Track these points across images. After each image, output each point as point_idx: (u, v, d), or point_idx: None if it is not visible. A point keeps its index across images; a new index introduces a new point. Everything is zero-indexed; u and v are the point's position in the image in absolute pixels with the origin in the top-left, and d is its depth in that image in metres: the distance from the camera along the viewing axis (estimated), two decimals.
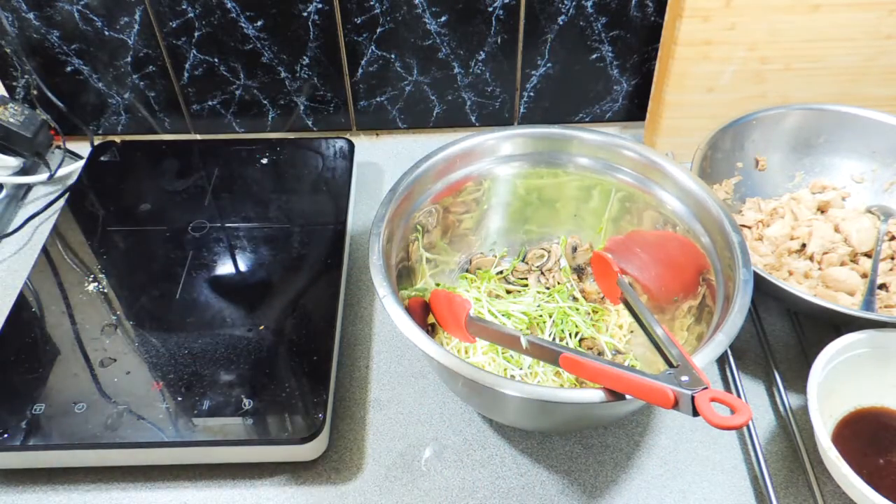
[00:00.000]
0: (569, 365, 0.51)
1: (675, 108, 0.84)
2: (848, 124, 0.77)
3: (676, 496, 0.59)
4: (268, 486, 0.60)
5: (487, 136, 0.68)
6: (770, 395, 0.66)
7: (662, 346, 0.52)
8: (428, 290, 0.67)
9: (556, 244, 0.73)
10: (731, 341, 0.51)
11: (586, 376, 0.50)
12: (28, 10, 0.82)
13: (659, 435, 0.63)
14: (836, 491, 0.57)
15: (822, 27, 0.77)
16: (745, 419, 0.41)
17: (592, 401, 0.48)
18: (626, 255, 0.70)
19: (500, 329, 0.58)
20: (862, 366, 0.60)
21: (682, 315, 0.64)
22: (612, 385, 0.48)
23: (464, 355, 0.64)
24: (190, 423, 0.59)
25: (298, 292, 0.70)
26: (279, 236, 0.75)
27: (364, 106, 0.93)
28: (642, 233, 0.69)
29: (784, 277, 0.70)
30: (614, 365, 0.48)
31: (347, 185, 0.82)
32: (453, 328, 0.61)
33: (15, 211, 0.86)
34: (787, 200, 0.77)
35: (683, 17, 0.76)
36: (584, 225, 0.73)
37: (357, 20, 0.83)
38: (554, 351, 0.53)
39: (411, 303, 0.64)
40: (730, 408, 0.43)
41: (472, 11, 0.83)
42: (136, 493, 0.59)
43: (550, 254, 0.72)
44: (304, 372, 0.63)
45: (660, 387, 0.45)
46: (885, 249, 0.71)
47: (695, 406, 0.43)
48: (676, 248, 0.65)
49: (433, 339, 0.52)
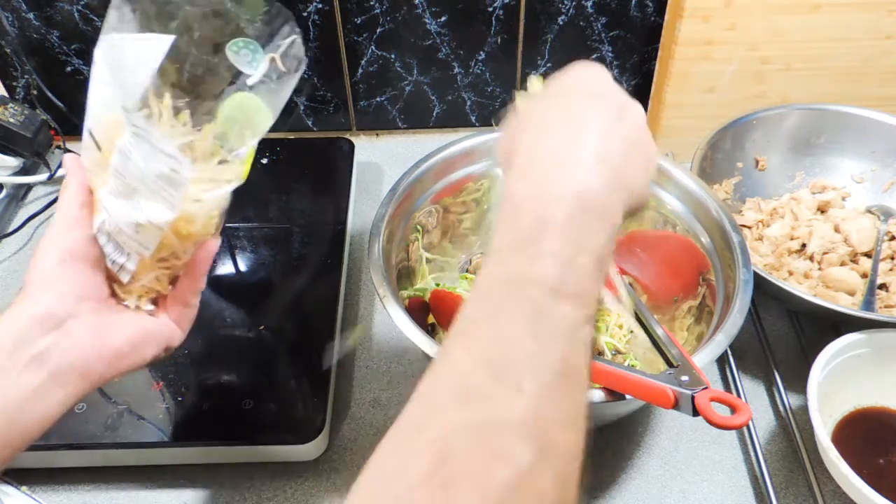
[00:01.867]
0: None
1: (675, 108, 0.84)
2: (848, 124, 0.77)
3: (676, 496, 0.59)
4: (268, 486, 0.60)
5: (487, 136, 0.68)
6: (770, 395, 0.66)
7: (662, 346, 0.52)
8: (428, 290, 0.67)
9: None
10: (730, 341, 0.51)
11: None
12: (28, 10, 0.82)
13: (659, 435, 0.63)
14: (836, 491, 0.57)
15: (822, 27, 0.77)
16: (746, 419, 0.41)
17: (592, 401, 0.48)
18: (626, 255, 0.70)
19: None
20: (862, 366, 0.60)
21: (682, 315, 0.64)
22: (613, 385, 0.48)
23: None
24: (190, 423, 0.59)
25: (298, 292, 0.70)
26: (279, 236, 0.75)
27: (364, 106, 0.93)
28: (642, 233, 0.69)
29: (784, 277, 0.70)
30: (614, 365, 0.48)
31: (347, 185, 0.82)
32: None
33: (15, 211, 0.85)
34: (787, 200, 0.77)
35: (683, 17, 0.76)
36: None
37: (357, 20, 0.83)
38: None
39: (411, 303, 0.64)
40: (730, 407, 0.43)
41: (472, 11, 0.83)
42: (136, 493, 0.59)
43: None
44: (303, 372, 0.63)
45: (660, 387, 0.45)
46: (885, 249, 0.71)
47: (695, 406, 0.43)
48: (676, 248, 0.65)
49: (433, 339, 0.52)
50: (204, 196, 0.42)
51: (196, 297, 0.46)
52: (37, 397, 0.38)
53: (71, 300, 0.41)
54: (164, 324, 0.45)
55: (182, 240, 0.43)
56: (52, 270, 0.41)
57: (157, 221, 0.40)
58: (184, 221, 0.42)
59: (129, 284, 0.44)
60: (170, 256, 0.44)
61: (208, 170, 0.42)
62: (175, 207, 0.40)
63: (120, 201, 0.41)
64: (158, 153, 0.39)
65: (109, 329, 0.42)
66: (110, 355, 0.41)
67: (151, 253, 0.42)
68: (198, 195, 0.42)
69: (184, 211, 0.41)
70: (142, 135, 0.39)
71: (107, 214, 0.42)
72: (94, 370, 0.40)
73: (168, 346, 0.45)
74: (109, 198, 0.41)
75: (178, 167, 0.39)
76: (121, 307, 0.44)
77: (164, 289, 0.45)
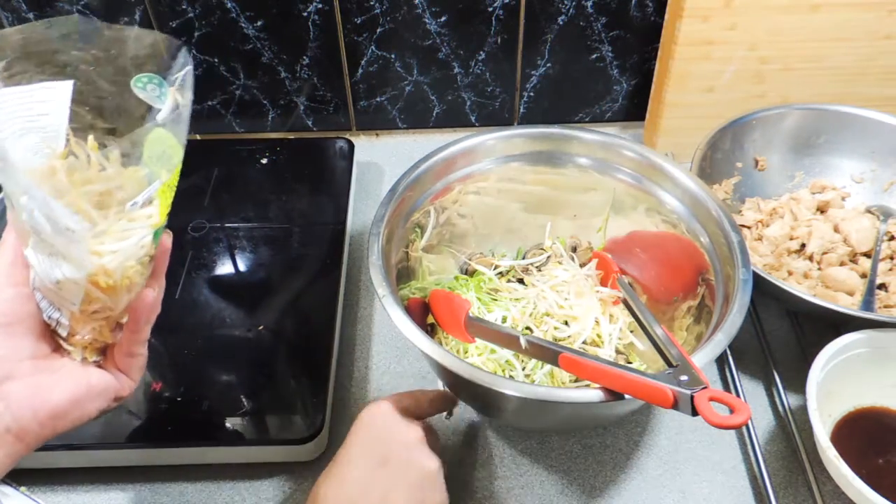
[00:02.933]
0: (568, 365, 0.51)
1: (675, 108, 0.84)
2: (848, 124, 0.77)
3: (676, 496, 0.59)
4: (268, 486, 0.60)
5: (487, 136, 0.68)
6: (769, 395, 0.66)
7: (662, 346, 0.52)
8: (428, 290, 0.67)
9: (556, 244, 0.73)
10: (730, 341, 0.51)
11: (586, 376, 0.50)
12: (28, 10, 0.82)
13: (659, 435, 0.63)
14: (835, 491, 0.57)
15: (822, 27, 0.77)
16: (745, 418, 0.41)
17: (591, 400, 0.48)
18: (626, 255, 0.70)
19: (500, 329, 0.58)
20: (861, 366, 0.60)
21: (682, 315, 0.64)
22: (612, 385, 0.48)
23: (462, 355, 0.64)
24: (189, 423, 0.59)
25: (298, 292, 0.70)
26: (279, 236, 0.75)
27: (364, 106, 0.93)
28: (642, 233, 0.69)
29: (784, 277, 0.70)
30: (613, 364, 0.48)
31: (347, 185, 0.82)
32: (452, 328, 0.61)
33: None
34: (786, 200, 0.77)
35: (683, 17, 0.76)
36: (584, 225, 0.73)
37: (357, 20, 0.83)
38: (553, 351, 0.53)
39: (411, 303, 0.64)
40: (729, 407, 0.43)
41: (472, 11, 0.83)
42: (136, 493, 0.59)
43: (552, 251, 0.72)
44: (303, 372, 0.63)
45: (659, 386, 0.45)
46: (885, 249, 0.71)
47: (694, 405, 0.43)
48: (676, 248, 0.65)
49: (433, 339, 0.52)
50: (115, 247, 0.40)
51: (141, 347, 0.44)
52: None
53: (7, 363, 0.40)
54: (110, 376, 0.43)
55: (106, 292, 0.41)
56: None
57: (71, 277, 0.39)
58: (102, 274, 0.40)
59: (70, 338, 0.42)
60: (102, 308, 0.42)
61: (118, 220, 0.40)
62: (82, 262, 0.39)
63: (41, 257, 0.39)
64: (53, 211, 0.37)
65: (47, 388, 0.40)
66: (47, 416, 0.40)
67: (78, 307, 0.40)
68: (109, 246, 0.40)
69: (96, 264, 0.39)
70: (33, 194, 0.37)
71: (34, 272, 0.40)
72: (29, 432, 0.40)
73: (117, 397, 0.44)
74: (33, 254, 0.40)
75: (72, 224, 0.37)
76: (65, 361, 0.42)
77: (107, 339, 0.43)
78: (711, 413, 0.42)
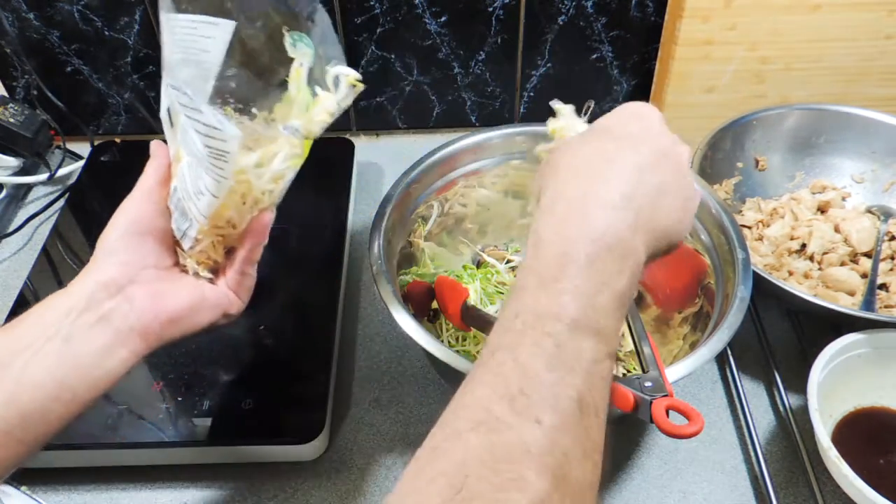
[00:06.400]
0: None
1: (676, 108, 0.84)
2: (848, 124, 0.77)
3: (676, 496, 0.59)
4: (268, 486, 0.60)
5: (487, 135, 0.68)
6: (770, 395, 0.66)
7: (638, 346, 0.51)
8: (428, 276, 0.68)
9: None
10: (730, 338, 0.51)
11: None
12: (28, 10, 0.82)
13: (659, 435, 0.63)
14: (836, 491, 0.57)
15: (822, 27, 0.77)
16: (696, 429, 0.40)
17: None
18: None
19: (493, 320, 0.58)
20: (862, 366, 0.60)
21: (678, 324, 0.64)
22: None
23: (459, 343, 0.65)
24: (190, 423, 0.59)
25: (298, 292, 0.70)
26: (279, 236, 0.74)
27: (364, 106, 0.93)
28: None
29: (784, 277, 0.70)
30: None
31: (347, 185, 0.82)
32: (451, 315, 0.62)
33: (15, 211, 0.85)
34: (787, 200, 0.77)
35: (683, 17, 0.76)
36: None
37: (357, 20, 0.83)
38: None
39: (415, 287, 0.64)
40: (686, 417, 0.43)
41: (472, 11, 0.83)
42: (136, 493, 0.59)
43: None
44: (303, 372, 0.63)
45: (622, 389, 0.44)
46: (885, 249, 0.71)
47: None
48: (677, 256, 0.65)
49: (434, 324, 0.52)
50: (260, 170, 0.45)
51: (251, 267, 0.49)
52: (105, 354, 0.42)
53: (133, 268, 0.44)
54: (222, 292, 0.48)
55: (237, 210, 0.46)
56: (118, 240, 0.45)
57: (211, 190, 0.43)
58: (239, 192, 0.45)
59: (190, 251, 0.47)
60: (226, 225, 0.46)
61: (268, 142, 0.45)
62: (224, 178, 0.43)
63: (190, 170, 0.44)
64: (205, 126, 0.41)
65: (167, 295, 0.45)
66: (166, 319, 0.44)
67: (207, 220, 0.44)
68: (256, 168, 0.44)
69: (240, 182, 0.44)
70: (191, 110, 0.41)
71: (178, 182, 0.45)
72: (151, 332, 0.44)
73: (226, 314, 0.48)
74: (184, 166, 0.44)
75: (224, 139, 0.41)
76: (182, 275, 0.47)
77: (218, 257, 0.48)
78: (664, 421, 0.41)
